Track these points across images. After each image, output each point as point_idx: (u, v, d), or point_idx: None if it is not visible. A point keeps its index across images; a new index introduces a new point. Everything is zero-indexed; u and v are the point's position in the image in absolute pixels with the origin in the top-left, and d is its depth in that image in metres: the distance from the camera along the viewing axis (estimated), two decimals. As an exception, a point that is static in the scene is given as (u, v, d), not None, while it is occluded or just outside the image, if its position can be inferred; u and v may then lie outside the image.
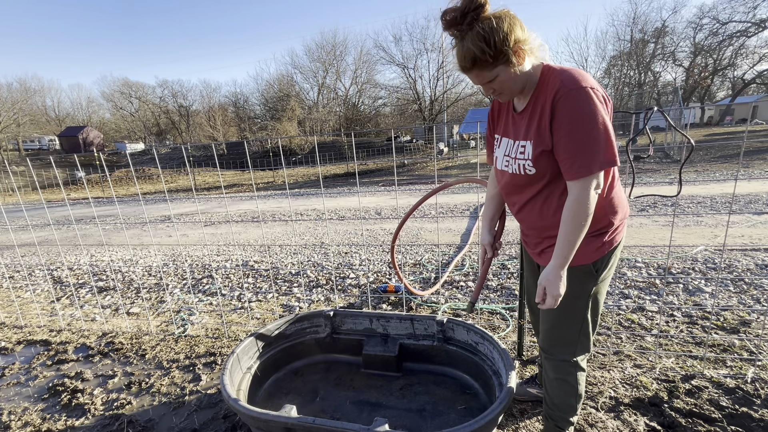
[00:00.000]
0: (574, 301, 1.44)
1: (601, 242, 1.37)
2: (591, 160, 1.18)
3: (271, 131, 38.15)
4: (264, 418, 1.49)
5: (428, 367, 2.20)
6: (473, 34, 1.18)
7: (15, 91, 48.05)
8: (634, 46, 36.57)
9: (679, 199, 4.26)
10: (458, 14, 1.18)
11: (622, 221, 1.41)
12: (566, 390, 1.55)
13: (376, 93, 46.04)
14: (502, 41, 1.17)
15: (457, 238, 5.53)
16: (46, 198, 20.29)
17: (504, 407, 1.48)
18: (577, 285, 1.42)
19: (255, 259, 5.20)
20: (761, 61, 31.68)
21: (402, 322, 2.24)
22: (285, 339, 2.28)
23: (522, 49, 1.21)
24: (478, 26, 1.17)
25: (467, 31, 1.18)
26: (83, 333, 3.15)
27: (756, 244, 4.24)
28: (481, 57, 1.19)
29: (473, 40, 1.18)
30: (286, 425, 1.46)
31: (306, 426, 1.44)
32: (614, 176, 1.37)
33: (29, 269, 5.44)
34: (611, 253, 1.40)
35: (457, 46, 1.22)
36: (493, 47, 1.17)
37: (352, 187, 16.02)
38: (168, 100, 54.77)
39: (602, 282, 1.44)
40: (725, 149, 15.68)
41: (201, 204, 13.14)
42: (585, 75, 1.22)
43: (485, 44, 1.17)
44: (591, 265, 1.39)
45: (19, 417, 2.16)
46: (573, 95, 1.18)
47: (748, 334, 2.46)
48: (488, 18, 1.17)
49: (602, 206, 1.35)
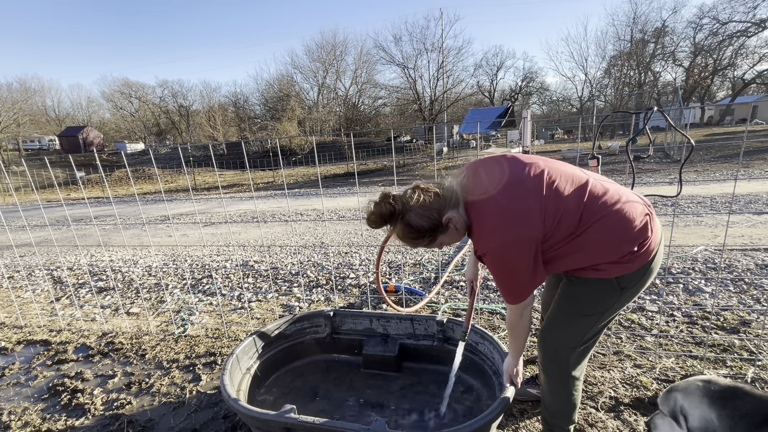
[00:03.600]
0: (586, 315, 1.39)
1: (628, 260, 1.28)
2: (511, 298, 1.36)
3: (271, 131, 38.14)
4: (264, 418, 1.49)
5: (428, 366, 2.20)
6: (405, 230, 1.31)
7: (15, 91, 48.03)
8: (634, 46, 36.57)
9: (679, 199, 4.26)
10: (379, 220, 1.32)
11: (644, 240, 1.27)
12: (562, 398, 1.52)
13: (376, 93, 46.09)
14: (431, 225, 1.30)
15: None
16: (46, 198, 20.28)
17: (503, 407, 1.48)
18: (595, 297, 1.36)
19: (255, 259, 5.20)
20: (761, 61, 31.70)
21: (402, 322, 2.23)
22: (285, 339, 2.28)
23: (451, 218, 1.32)
24: (405, 221, 1.30)
25: (399, 228, 1.32)
26: (83, 333, 3.15)
27: (756, 244, 4.24)
28: (422, 243, 1.34)
29: (407, 233, 1.32)
30: (286, 425, 1.46)
31: (306, 426, 1.44)
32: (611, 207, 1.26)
33: (29, 269, 5.44)
34: (641, 271, 1.30)
35: (396, 236, 1.36)
36: (428, 232, 1.31)
37: (352, 187, 16.02)
38: (168, 100, 54.78)
39: (625, 300, 1.35)
40: (725, 149, 15.68)
41: (201, 204, 13.14)
42: (503, 223, 1.25)
43: (419, 234, 1.31)
44: (615, 281, 1.31)
45: (19, 417, 2.15)
46: (491, 255, 1.29)
47: (748, 334, 2.46)
48: (409, 210, 1.29)
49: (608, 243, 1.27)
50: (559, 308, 1.46)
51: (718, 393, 1.11)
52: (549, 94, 45.17)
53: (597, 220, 1.25)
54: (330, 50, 44.44)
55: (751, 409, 1.05)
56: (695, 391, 1.15)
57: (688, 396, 1.16)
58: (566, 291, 1.44)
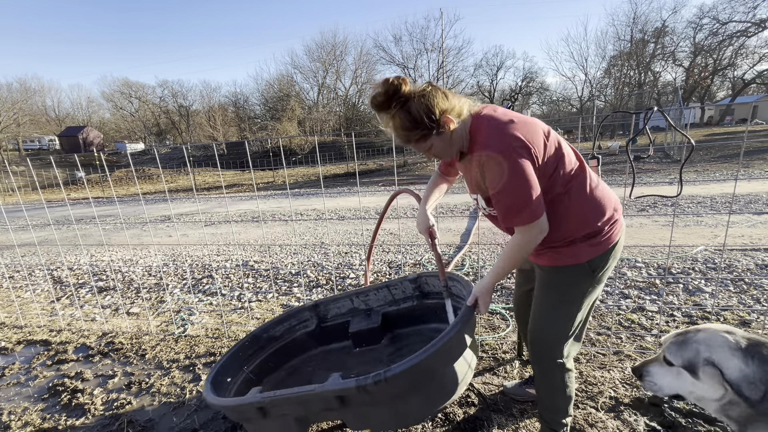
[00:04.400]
0: (566, 300, 1.45)
1: (596, 242, 1.37)
2: (517, 218, 1.28)
3: (271, 131, 38.15)
4: (235, 404, 1.54)
5: (415, 328, 2.19)
6: (402, 115, 1.27)
7: (15, 91, 48.09)
8: (634, 46, 36.57)
9: (679, 199, 4.25)
10: (383, 98, 1.27)
11: (611, 223, 1.40)
12: (554, 392, 1.55)
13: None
14: (429, 118, 1.27)
15: (457, 238, 5.53)
16: (46, 198, 20.29)
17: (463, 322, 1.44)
18: (571, 284, 1.43)
19: (255, 259, 5.20)
20: (761, 61, 31.72)
21: (379, 291, 2.24)
22: (276, 341, 2.27)
23: (449, 119, 1.29)
24: (405, 107, 1.26)
25: (397, 112, 1.28)
26: (83, 333, 3.15)
27: (756, 244, 4.24)
28: (414, 136, 1.30)
29: (402, 122, 1.28)
30: (254, 405, 1.51)
31: (272, 400, 1.48)
32: (587, 184, 1.37)
33: (29, 269, 5.44)
34: (609, 252, 1.40)
35: (391, 125, 1.32)
36: (422, 125, 1.27)
37: (352, 187, 16.02)
38: (168, 100, 54.81)
39: (598, 283, 1.44)
40: (725, 149, 15.68)
41: (201, 204, 13.14)
42: (504, 131, 1.26)
43: (414, 124, 1.27)
44: (586, 264, 1.39)
45: (19, 417, 2.15)
46: (492, 162, 1.25)
47: (748, 334, 2.46)
48: (412, 97, 1.26)
49: (579, 217, 1.36)
50: (541, 302, 1.52)
51: (749, 345, 1.06)
52: (549, 94, 45.20)
53: (582, 187, 1.36)
54: (330, 50, 44.48)
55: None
56: (724, 344, 1.08)
57: (715, 348, 1.08)
58: (544, 283, 1.50)
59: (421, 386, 1.42)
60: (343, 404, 1.42)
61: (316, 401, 1.44)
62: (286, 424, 1.57)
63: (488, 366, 2.30)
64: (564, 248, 1.40)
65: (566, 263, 1.41)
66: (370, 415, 1.47)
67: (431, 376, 1.41)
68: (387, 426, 1.52)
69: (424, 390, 1.43)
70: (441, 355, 1.37)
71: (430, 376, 1.40)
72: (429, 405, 1.47)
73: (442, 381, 1.47)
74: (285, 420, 1.56)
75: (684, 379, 1.16)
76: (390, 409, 1.45)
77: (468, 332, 1.50)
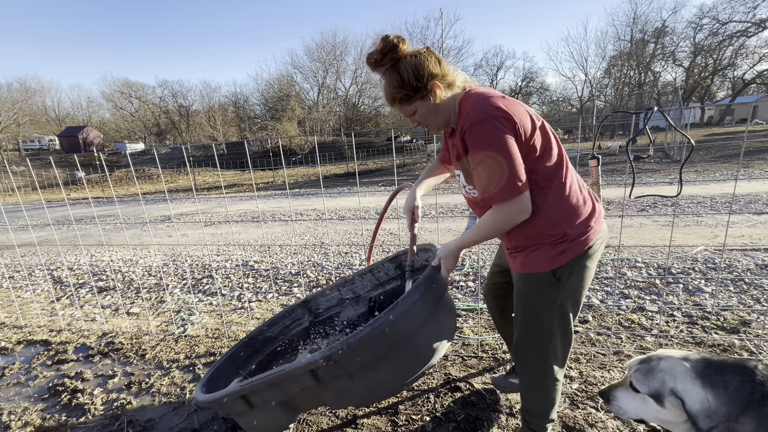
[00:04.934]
0: (537, 309, 1.42)
1: (561, 250, 1.33)
2: (496, 193, 1.23)
3: (271, 131, 38.15)
4: (217, 397, 1.55)
5: None
6: (391, 73, 1.28)
7: (15, 91, 48.11)
8: (634, 46, 36.57)
9: (679, 199, 4.23)
10: (379, 56, 1.27)
11: (583, 231, 1.34)
12: (536, 397, 1.53)
13: (376, 93, 45.94)
14: (416, 79, 1.26)
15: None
16: (46, 198, 20.30)
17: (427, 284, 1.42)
18: (538, 293, 1.40)
19: (255, 259, 5.20)
20: (761, 61, 31.73)
21: (364, 277, 2.24)
22: (272, 342, 2.26)
23: (437, 85, 1.28)
24: (396, 66, 1.27)
25: (388, 71, 1.28)
26: (83, 333, 3.15)
27: (756, 244, 4.24)
28: (398, 95, 1.29)
29: (390, 80, 1.28)
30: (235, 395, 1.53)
31: (249, 386, 1.49)
32: (568, 186, 1.33)
33: (29, 269, 5.44)
34: (575, 261, 1.34)
35: (382, 84, 1.32)
36: (407, 85, 1.27)
37: (352, 187, 16.03)
38: (168, 100, 54.82)
39: (568, 292, 1.37)
40: (725, 149, 15.68)
41: (201, 204, 13.14)
42: (488, 102, 1.23)
43: (400, 83, 1.27)
44: (550, 273, 1.34)
45: (19, 417, 2.15)
46: (474, 129, 1.21)
47: (748, 334, 2.46)
48: (404, 57, 1.26)
49: (550, 217, 1.32)
50: (517, 312, 1.50)
51: (702, 370, 1.13)
52: (549, 94, 45.18)
53: (561, 188, 1.32)
54: (330, 50, 44.52)
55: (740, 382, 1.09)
56: (685, 373, 1.15)
57: (678, 378, 1.15)
58: (517, 292, 1.48)
59: (391, 353, 1.38)
60: (318, 381, 1.40)
61: (291, 381, 1.44)
62: (273, 413, 1.57)
63: (488, 366, 2.30)
64: (530, 251, 1.37)
65: (532, 270, 1.38)
66: (348, 390, 1.45)
67: (399, 340, 1.37)
68: (367, 398, 1.49)
69: (395, 357, 1.40)
70: (406, 318, 1.35)
71: (397, 340, 1.37)
72: (404, 372, 1.44)
73: (413, 346, 1.43)
74: (271, 409, 1.56)
75: (649, 406, 1.20)
76: (365, 380, 1.42)
77: (435, 294, 1.48)
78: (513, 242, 1.42)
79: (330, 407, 1.55)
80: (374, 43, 1.29)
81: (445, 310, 1.60)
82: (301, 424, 1.93)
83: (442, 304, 1.56)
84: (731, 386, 1.09)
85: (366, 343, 1.30)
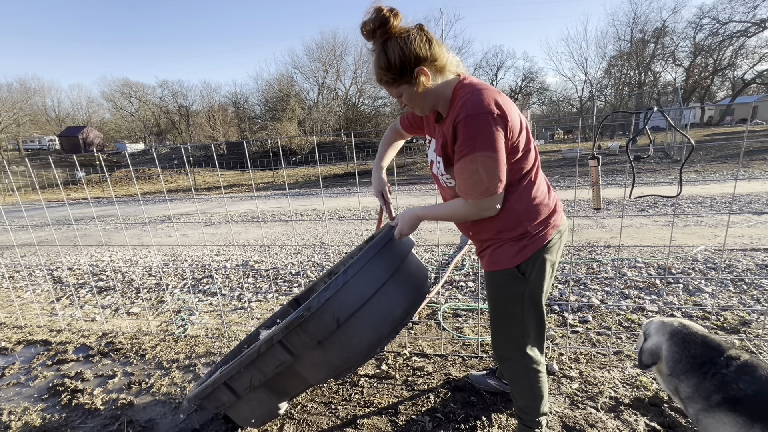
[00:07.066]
0: (506, 305, 1.46)
1: (522, 246, 1.37)
2: (473, 190, 1.25)
3: (271, 131, 38.17)
4: (201, 388, 1.57)
5: None
6: (380, 52, 1.22)
7: (15, 91, 48.12)
8: (634, 46, 36.58)
9: (679, 199, 4.23)
10: (371, 27, 1.21)
11: (543, 228, 1.38)
12: (523, 392, 1.56)
13: (376, 93, 46.01)
14: (402, 63, 1.20)
15: (457, 238, 5.53)
16: (46, 198, 20.30)
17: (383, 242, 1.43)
18: (505, 288, 1.44)
19: (255, 259, 5.20)
20: (761, 61, 31.74)
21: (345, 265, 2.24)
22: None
23: (424, 71, 1.22)
24: (384, 45, 1.20)
25: (378, 47, 1.22)
26: (83, 333, 3.15)
27: (756, 244, 4.24)
28: (384, 77, 1.25)
29: (378, 59, 1.23)
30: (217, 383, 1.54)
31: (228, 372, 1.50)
32: (536, 185, 1.37)
33: (29, 269, 5.44)
34: (536, 256, 1.38)
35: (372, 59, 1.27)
36: (393, 68, 1.21)
37: (352, 187, 16.03)
38: (168, 100, 54.86)
39: (534, 285, 1.41)
40: (725, 149, 15.68)
41: (201, 204, 13.14)
42: (486, 96, 1.20)
43: (387, 65, 1.21)
44: (515, 269, 1.38)
45: (19, 417, 2.15)
46: (470, 122, 1.18)
47: (748, 334, 2.46)
48: (395, 36, 1.19)
49: (516, 214, 1.35)
50: (490, 307, 1.55)
51: (676, 331, 1.43)
52: (549, 94, 45.24)
53: (530, 187, 1.35)
54: (330, 50, 44.53)
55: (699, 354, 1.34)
56: (662, 326, 1.48)
57: (657, 328, 1.50)
58: (487, 287, 1.53)
59: (358, 314, 1.37)
60: (292, 355, 1.40)
61: (267, 359, 1.44)
62: (259, 398, 1.57)
63: (488, 366, 2.30)
64: (495, 248, 1.40)
65: (498, 267, 1.41)
66: (323, 361, 1.44)
67: (361, 300, 1.36)
68: (343, 366, 1.47)
69: (361, 317, 1.38)
70: (365, 278, 1.35)
71: (360, 300, 1.36)
72: (374, 333, 1.43)
73: (380, 305, 1.42)
74: (257, 394, 1.56)
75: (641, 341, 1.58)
76: (338, 347, 1.40)
77: (394, 251, 1.48)
78: (480, 235, 1.45)
79: (312, 383, 1.54)
80: (368, 10, 1.21)
81: (411, 268, 1.61)
82: (301, 424, 1.93)
83: (405, 264, 1.56)
84: (687, 351, 1.36)
85: (330, 305, 1.30)
